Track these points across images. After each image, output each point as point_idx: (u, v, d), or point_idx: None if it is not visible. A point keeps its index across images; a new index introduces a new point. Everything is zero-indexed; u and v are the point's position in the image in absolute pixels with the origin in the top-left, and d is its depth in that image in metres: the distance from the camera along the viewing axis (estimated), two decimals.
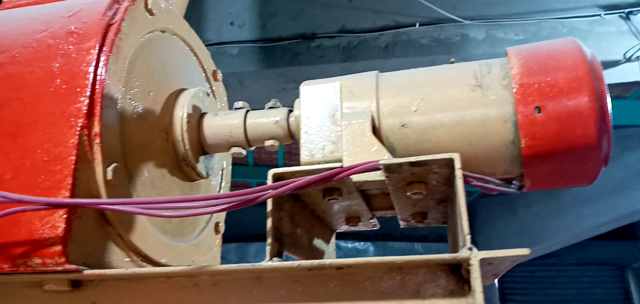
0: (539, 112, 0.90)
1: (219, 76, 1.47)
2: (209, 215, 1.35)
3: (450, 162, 0.84)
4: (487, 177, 0.99)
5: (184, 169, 1.18)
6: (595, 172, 0.97)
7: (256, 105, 1.25)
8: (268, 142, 1.15)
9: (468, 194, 9.41)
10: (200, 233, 1.30)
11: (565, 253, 9.31)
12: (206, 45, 1.46)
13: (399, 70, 1.08)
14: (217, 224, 1.38)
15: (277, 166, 0.96)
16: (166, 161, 1.14)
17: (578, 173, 0.97)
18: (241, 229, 7.98)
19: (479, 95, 0.95)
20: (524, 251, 0.74)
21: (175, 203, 0.91)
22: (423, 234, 10.15)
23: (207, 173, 1.27)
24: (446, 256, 0.78)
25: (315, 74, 1.19)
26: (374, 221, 1.24)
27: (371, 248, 9.78)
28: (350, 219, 1.20)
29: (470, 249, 0.77)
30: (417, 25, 4.36)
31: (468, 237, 0.78)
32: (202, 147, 1.20)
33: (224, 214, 1.42)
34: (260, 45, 4.74)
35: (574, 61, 0.90)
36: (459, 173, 0.82)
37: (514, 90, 0.92)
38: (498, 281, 10.37)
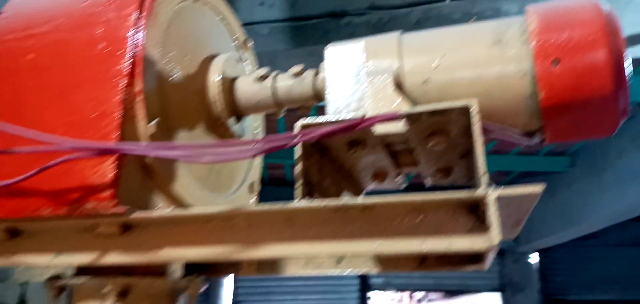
0: (556, 65, 0.92)
1: (249, 44, 1.53)
2: (244, 175, 1.43)
3: (466, 111, 0.88)
4: (507, 130, 1.02)
5: (218, 129, 1.25)
6: (613, 123, 0.99)
7: None
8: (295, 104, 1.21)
9: (506, 173, 9.27)
10: (236, 191, 1.38)
11: (607, 232, 9.08)
12: None
13: None
14: (252, 184, 1.46)
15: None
16: (201, 122, 1.22)
17: (596, 124, 1.00)
18: None
19: (498, 51, 0.99)
20: (538, 188, 0.78)
21: (212, 148, 0.99)
22: None
23: (239, 136, 1.34)
24: (464, 194, 0.82)
25: None
26: (401, 179, 1.29)
27: None
28: (376, 175, 1.25)
29: (487, 188, 0.81)
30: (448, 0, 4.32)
31: (485, 176, 0.82)
32: (235, 110, 1.27)
33: (258, 175, 1.50)
34: (290, 24, 4.79)
35: (591, 16, 0.93)
36: (475, 113, 0.86)
37: (532, 45, 0.95)
38: (539, 261, 10.22)
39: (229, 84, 1.26)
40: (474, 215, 0.86)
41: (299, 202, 0.91)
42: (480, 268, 1.24)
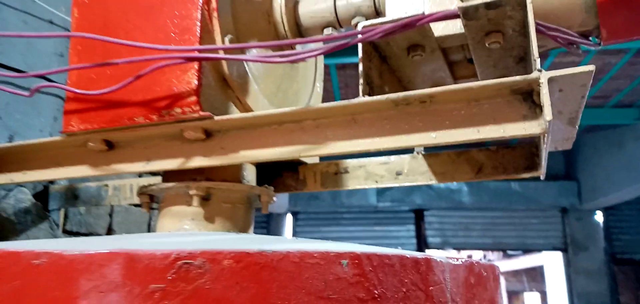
0: None
1: None
2: (308, 98, 1.54)
3: (521, 3, 0.92)
4: (563, 29, 1.05)
5: (284, 48, 1.35)
6: None
7: None
8: (355, 20, 1.28)
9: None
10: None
11: None
12: None
13: None
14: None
15: None
16: (269, 40, 1.33)
17: None
18: None
19: None
20: (589, 67, 0.82)
21: (280, 53, 1.08)
22: None
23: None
24: (518, 78, 0.88)
25: None
26: None
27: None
28: (435, 86, 1.31)
29: (539, 71, 0.86)
30: None
31: (537, 60, 0.87)
32: (299, 29, 1.36)
33: (319, 97, 1.61)
34: None
35: None
36: (528, 3, 0.90)
37: None
38: (603, 218, 9.85)
39: (292, 5, 1.35)
40: (529, 102, 0.91)
41: (361, 98, 1.00)
42: (536, 174, 1.29)
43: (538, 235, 10.29)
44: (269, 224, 10.28)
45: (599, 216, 10.04)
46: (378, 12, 1.27)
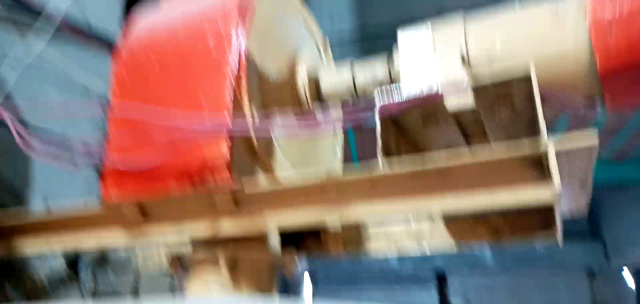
0: (611, 34, 1.02)
1: (327, 42, 1.73)
2: (329, 158, 1.62)
3: (527, 78, 0.99)
4: (569, 97, 1.12)
5: (306, 114, 1.44)
6: None
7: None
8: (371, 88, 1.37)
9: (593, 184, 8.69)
10: None
11: None
12: None
13: None
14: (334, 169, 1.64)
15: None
16: (292, 109, 1.42)
17: None
18: None
19: (556, 24, 1.10)
20: (593, 139, 0.88)
21: (304, 124, 1.17)
22: None
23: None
24: (527, 149, 0.94)
25: None
26: None
27: None
28: (449, 150, 1.37)
29: (546, 141, 0.92)
30: (517, 3, 4.32)
31: (544, 132, 0.93)
32: (319, 97, 1.45)
33: (339, 162, 1.68)
34: (359, 36, 4.96)
35: None
36: (533, 72, 0.97)
37: (588, 17, 1.05)
38: (634, 280, 9.50)
39: (313, 75, 1.45)
40: (539, 170, 0.97)
41: (381, 169, 1.06)
42: (552, 236, 1.32)
43: (566, 298, 9.94)
44: (286, 282, 10.17)
45: (628, 276, 9.70)
46: (392, 78, 1.36)
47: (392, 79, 1.34)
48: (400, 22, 4.91)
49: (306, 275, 10.15)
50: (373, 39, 4.79)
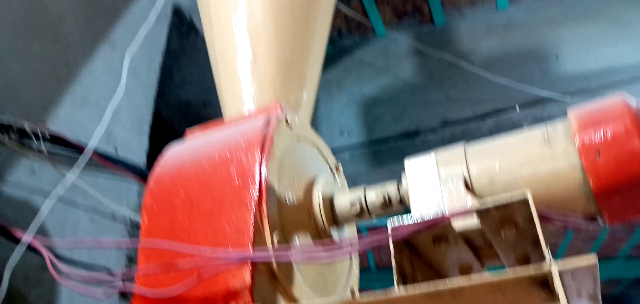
0: (599, 157, 1.12)
1: (340, 167, 1.85)
2: (345, 280, 1.67)
3: (525, 201, 1.08)
4: (569, 215, 1.20)
5: (323, 237, 1.52)
6: None
7: None
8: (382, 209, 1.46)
9: (616, 282, 8.46)
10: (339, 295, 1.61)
11: None
12: None
13: None
14: (352, 289, 1.69)
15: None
16: (310, 232, 1.50)
17: None
18: None
19: (549, 150, 1.20)
20: (592, 259, 0.95)
21: (322, 251, 1.25)
22: None
23: (341, 240, 1.60)
24: (532, 270, 1.00)
25: None
26: (485, 272, 1.46)
27: None
28: (462, 269, 1.43)
29: (549, 263, 0.99)
30: (517, 108, 4.53)
31: (547, 253, 1.00)
32: (335, 221, 1.54)
33: (357, 282, 1.74)
34: (368, 149, 5.15)
35: (621, 112, 1.13)
36: (530, 199, 1.06)
37: (576, 142, 1.16)
38: None
39: (328, 201, 1.55)
40: (547, 289, 1.03)
41: (396, 291, 1.13)
42: None
43: None
44: None
45: None
46: (402, 202, 1.45)
47: (402, 203, 1.43)
48: (406, 134, 5.13)
49: None
50: (381, 151, 4.96)
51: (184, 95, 4.22)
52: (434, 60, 5.13)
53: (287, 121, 1.59)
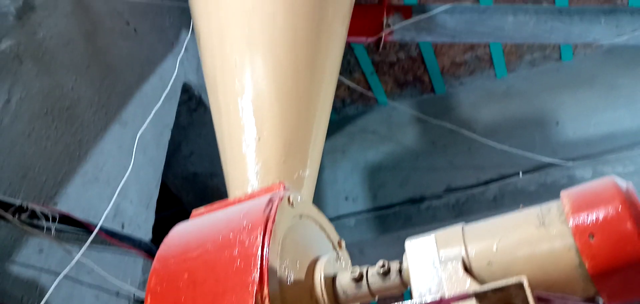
0: (593, 239, 1.15)
1: (343, 244, 1.87)
2: None
3: (521, 285, 1.10)
4: (568, 296, 1.21)
5: None
6: None
7: None
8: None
9: None
10: None
11: None
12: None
13: None
14: None
15: None
16: None
17: None
18: None
19: (544, 231, 1.23)
20: None
21: None
22: None
23: None
24: None
25: None
26: None
27: None
28: None
29: None
30: (521, 174, 4.56)
31: None
32: (337, 301, 1.55)
33: None
34: (374, 215, 5.17)
35: (611, 194, 1.17)
36: (526, 286, 1.08)
37: (570, 223, 1.19)
38: None
39: (330, 281, 1.57)
40: None
41: None
42: None
43: None
44: None
45: None
46: (404, 283, 1.47)
47: (404, 282, 1.45)
48: (411, 200, 5.16)
49: None
50: (387, 216, 4.98)
51: (191, 167, 4.30)
52: (436, 128, 5.22)
53: (289, 200, 1.63)
